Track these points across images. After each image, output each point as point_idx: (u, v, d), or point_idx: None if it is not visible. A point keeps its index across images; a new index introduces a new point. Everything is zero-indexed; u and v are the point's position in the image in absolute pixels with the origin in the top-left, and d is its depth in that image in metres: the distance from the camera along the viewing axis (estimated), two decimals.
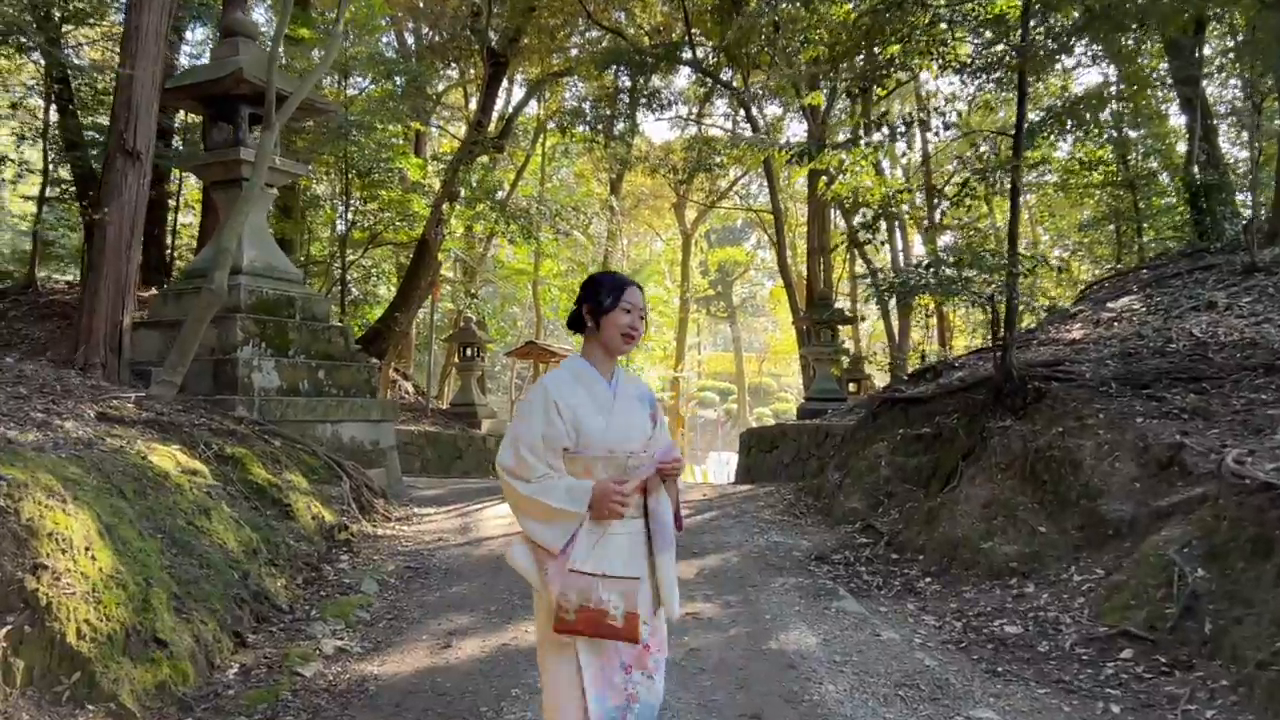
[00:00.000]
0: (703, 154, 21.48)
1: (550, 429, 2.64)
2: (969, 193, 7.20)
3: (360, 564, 6.68)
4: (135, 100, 8.82)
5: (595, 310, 2.75)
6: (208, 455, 6.81)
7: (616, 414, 2.73)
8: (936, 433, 8.22)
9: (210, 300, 8.26)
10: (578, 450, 2.67)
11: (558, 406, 2.66)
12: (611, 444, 2.69)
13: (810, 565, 6.82)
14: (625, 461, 2.70)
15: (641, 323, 2.80)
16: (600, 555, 2.59)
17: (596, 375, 2.78)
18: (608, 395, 2.75)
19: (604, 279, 2.84)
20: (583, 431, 2.67)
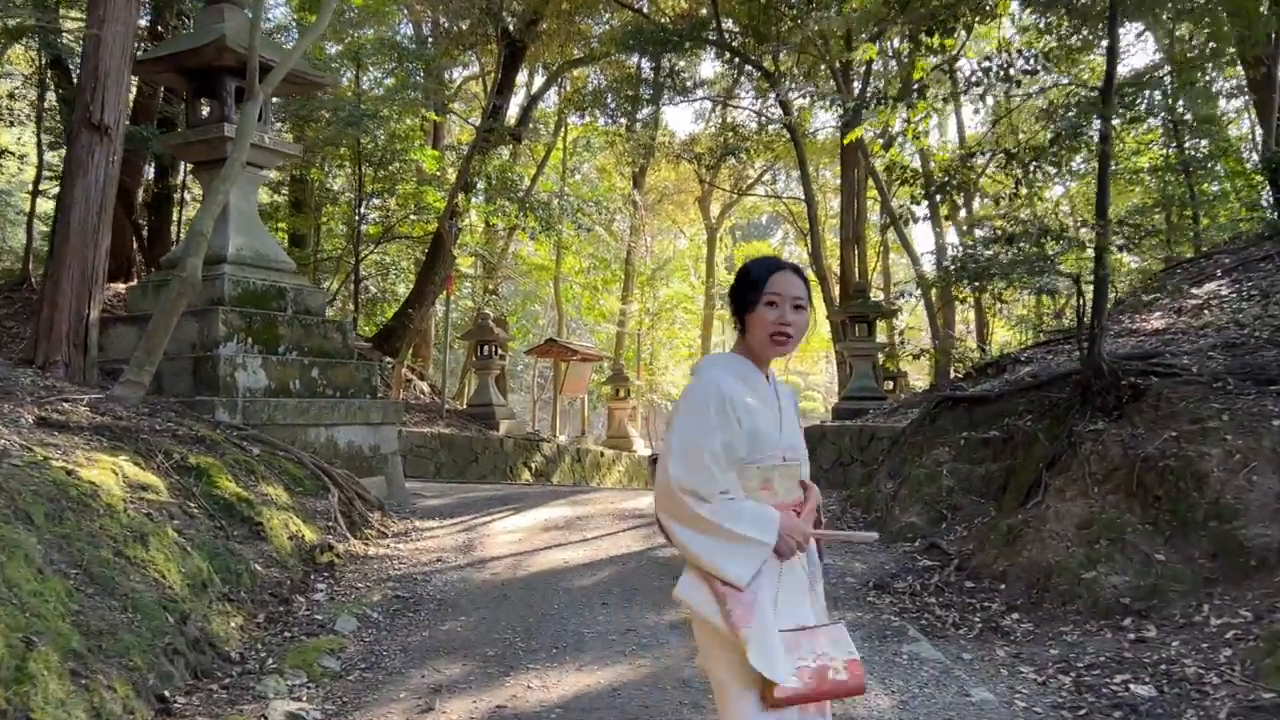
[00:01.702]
0: (730, 141, 20.43)
1: (728, 434, 2.25)
2: (1052, 157, 6.15)
3: (340, 594, 5.72)
4: (102, 68, 7.92)
5: (738, 309, 2.36)
6: (166, 467, 5.87)
7: (783, 416, 2.37)
8: (1007, 436, 7.16)
9: (182, 290, 7.33)
10: (751, 459, 2.28)
11: (734, 405, 2.26)
12: (785, 451, 2.35)
13: (869, 595, 5.79)
14: (796, 473, 2.38)
15: (801, 314, 2.32)
16: (785, 598, 2.26)
17: (760, 375, 2.38)
18: (772, 395, 2.38)
19: (751, 267, 2.39)
20: (759, 437, 2.29)
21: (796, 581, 2.32)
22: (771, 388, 2.40)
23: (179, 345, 8.63)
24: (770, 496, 2.31)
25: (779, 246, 45.80)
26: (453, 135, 27.35)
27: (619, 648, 4.77)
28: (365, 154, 19.95)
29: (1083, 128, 5.86)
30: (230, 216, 9.26)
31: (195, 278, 7.37)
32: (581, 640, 4.93)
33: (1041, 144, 6.07)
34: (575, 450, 21.23)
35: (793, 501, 2.35)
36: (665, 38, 15.90)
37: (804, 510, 2.35)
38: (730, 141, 20.01)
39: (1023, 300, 18.49)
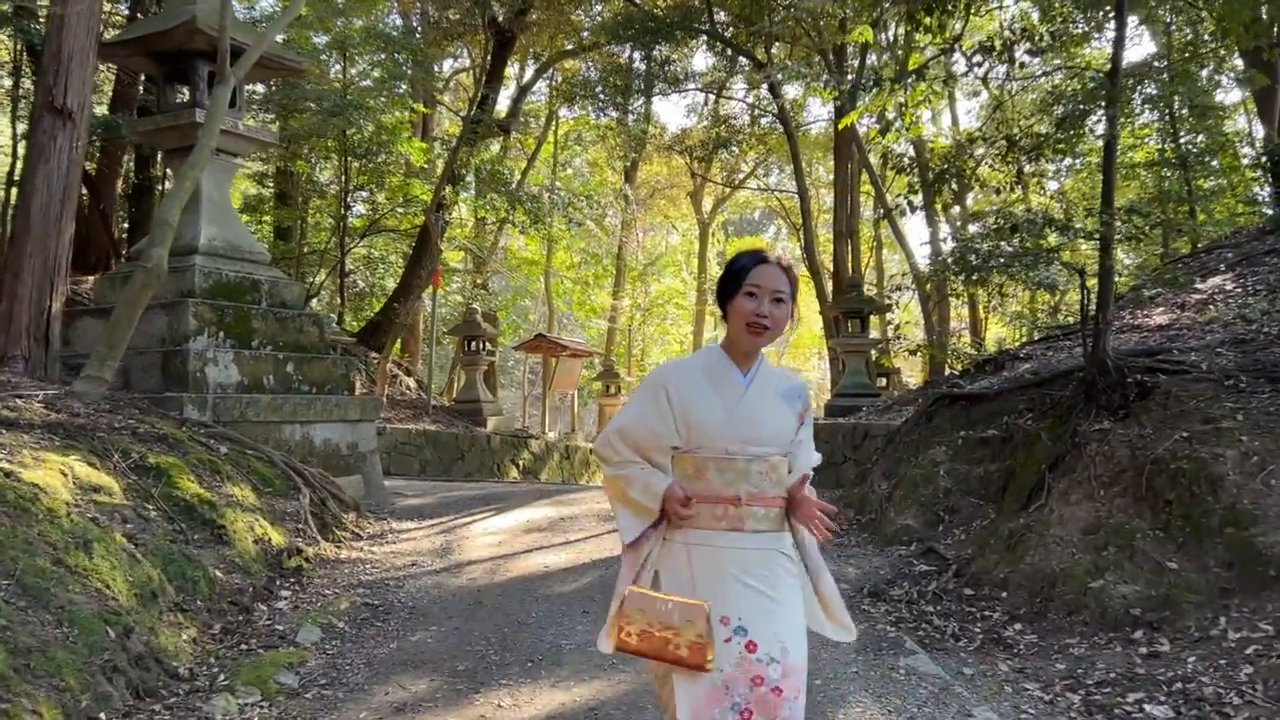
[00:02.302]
0: (722, 134, 20.12)
1: (657, 420, 2.35)
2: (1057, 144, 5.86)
3: (306, 601, 5.41)
4: (65, 49, 7.60)
5: (720, 299, 2.41)
6: (123, 467, 5.56)
7: (742, 409, 2.34)
8: (1007, 436, 6.89)
9: (146, 281, 7.01)
10: (688, 448, 2.35)
11: (668, 393, 2.36)
12: (730, 444, 2.32)
13: (863, 603, 5.51)
14: (748, 467, 2.32)
15: (780, 307, 2.34)
16: (702, 575, 2.29)
17: (730, 366, 2.40)
18: (738, 388, 2.37)
19: (735, 259, 2.43)
20: (694, 426, 2.33)
21: (736, 557, 2.30)
22: (747, 379, 2.39)
23: (147, 339, 8.32)
24: (704, 486, 2.33)
25: (772, 242, 45.53)
26: (442, 128, 26.98)
27: (598, 661, 4.48)
28: (351, 146, 19.61)
29: (1090, 111, 5.59)
30: (202, 206, 8.95)
31: (160, 268, 7.05)
32: (559, 653, 4.64)
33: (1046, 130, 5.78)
34: (564, 447, 20.94)
35: (730, 496, 2.31)
36: (656, 27, 15.60)
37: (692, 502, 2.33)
38: (722, 134, 19.69)
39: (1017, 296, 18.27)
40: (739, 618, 2.24)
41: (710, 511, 2.32)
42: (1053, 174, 6.29)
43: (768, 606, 2.26)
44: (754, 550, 2.30)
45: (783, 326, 2.37)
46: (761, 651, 2.22)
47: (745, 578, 2.27)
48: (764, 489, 2.34)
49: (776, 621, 2.26)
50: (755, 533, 2.31)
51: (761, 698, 2.19)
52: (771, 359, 2.58)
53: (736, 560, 2.28)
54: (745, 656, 2.21)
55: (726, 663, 2.20)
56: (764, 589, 2.28)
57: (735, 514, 2.31)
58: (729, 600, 2.25)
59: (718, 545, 2.29)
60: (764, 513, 2.33)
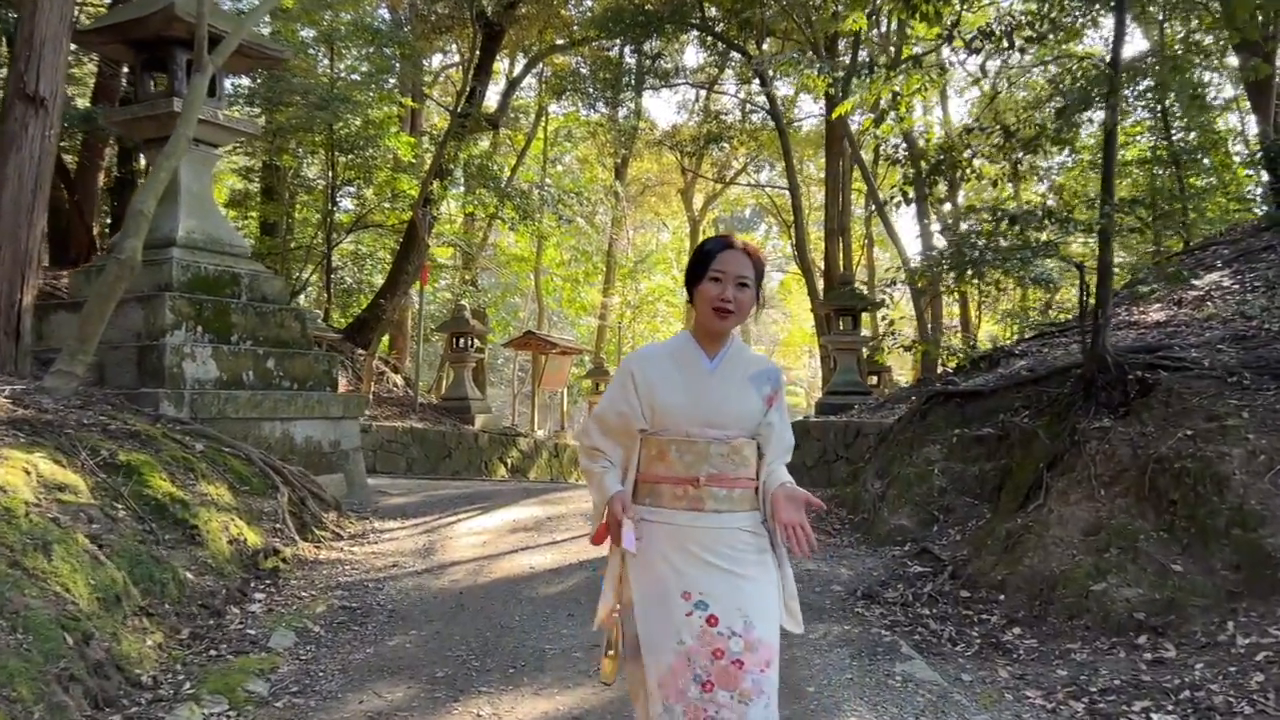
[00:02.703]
0: (712, 130, 19.95)
1: (625, 405, 2.45)
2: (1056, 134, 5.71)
3: (280, 604, 5.22)
4: (38, 35, 7.36)
5: (688, 283, 2.48)
6: (91, 465, 5.36)
7: (708, 393, 2.41)
8: (1003, 434, 6.75)
9: (120, 274, 6.81)
10: (653, 431, 2.43)
11: (634, 378, 2.45)
12: (693, 426, 2.39)
13: (857, 606, 5.34)
14: (708, 449, 2.38)
15: (744, 291, 2.40)
16: (669, 547, 2.36)
17: (697, 350, 2.46)
18: (703, 372, 2.43)
19: (704, 243, 2.51)
20: (658, 409, 2.41)
21: (678, 540, 2.36)
22: (714, 363, 2.45)
23: (123, 334, 8.11)
24: (665, 468, 2.41)
25: (763, 239, 45.43)
26: (431, 123, 26.74)
27: (583, 667, 4.31)
28: (338, 140, 19.38)
29: (1090, 101, 5.44)
30: (180, 197, 8.73)
31: (134, 260, 6.84)
32: (542, 658, 4.46)
33: (1044, 121, 5.63)
34: (553, 445, 20.76)
35: (689, 477, 2.38)
36: (647, 20, 15.41)
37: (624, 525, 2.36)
38: (713, 130, 19.53)
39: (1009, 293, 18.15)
40: (700, 592, 2.30)
41: (671, 491, 2.39)
42: (1044, 171, 6.13)
43: (730, 581, 2.31)
44: (713, 529, 2.35)
45: (748, 310, 2.43)
46: (723, 625, 2.27)
47: (706, 555, 2.33)
48: (725, 470, 2.39)
49: (739, 596, 2.31)
50: (715, 513, 2.37)
51: (723, 670, 2.25)
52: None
53: (694, 537, 2.34)
54: (706, 630, 2.28)
55: (689, 635, 2.27)
56: (726, 565, 2.33)
57: (695, 494, 2.37)
58: (691, 576, 2.32)
59: (678, 524, 2.36)
60: (725, 493, 2.38)
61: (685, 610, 2.29)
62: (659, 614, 2.32)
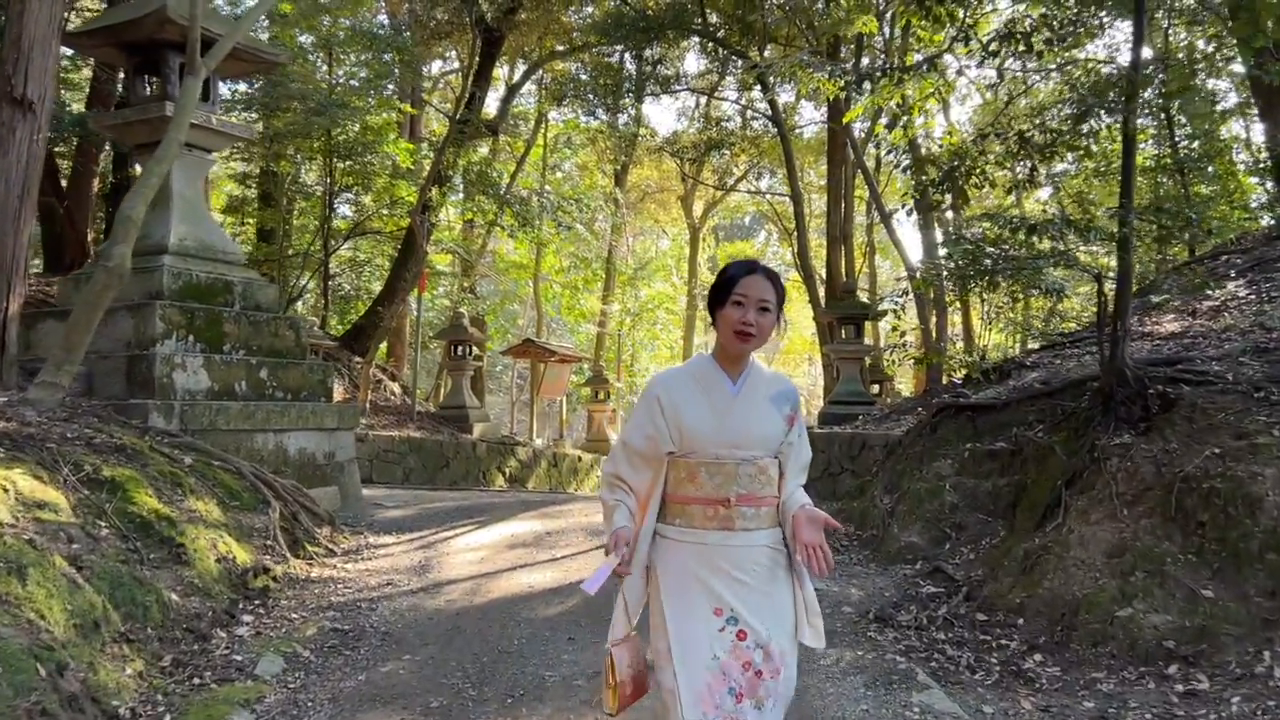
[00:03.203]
0: (713, 136, 19.78)
1: (652, 428, 2.50)
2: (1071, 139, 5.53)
3: (269, 626, 5.02)
4: (27, 37, 7.17)
5: (710, 308, 2.54)
6: (73, 481, 5.16)
7: (733, 415, 2.48)
8: (1016, 448, 6.55)
9: (108, 282, 6.61)
10: (682, 453, 2.48)
11: (660, 403, 2.49)
12: (720, 448, 2.46)
13: (869, 629, 5.14)
14: (737, 470, 2.45)
15: (765, 316, 2.46)
16: (699, 566, 2.45)
17: (719, 374, 2.53)
18: (727, 395, 2.50)
19: (724, 270, 2.54)
20: (686, 432, 2.47)
21: (707, 558, 2.44)
22: (736, 386, 2.50)
23: (113, 343, 7.92)
24: (696, 489, 2.47)
25: (762, 247, 45.27)
26: (431, 129, 26.58)
27: (585, 695, 4.11)
28: (336, 146, 19.22)
29: (1109, 104, 5.25)
30: (173, 203, 8.56)
31: (122, 267, 6.65)
32: (542, 686, 4.26)
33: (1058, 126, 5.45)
34: (552, 454, 20.54)
35: (720, 498, 2.44)
36: (647, 25, 15.25)
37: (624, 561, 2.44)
38: (714, 137, 19.35)
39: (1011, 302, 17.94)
40: (730, 609, 2.39)
41: (703, 512, 2.45)
42: (1055, 178, 5.95)
43: (757, 599, 2.41)
44: (743, 548, 2.43)
45: (769, 334, 2.49)
46: (750, 640, 2.39)
47: (735, 572, 2.41)
48: (754, 490, 2.46)
49: (764, 611, 2.41)
50: (745, 531, 2.44)
51: (750, 681, 2.37)
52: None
53: (726, 556, 2.42)
54: (737, 644, 2.38)
55: (721, 650, 2.38)
56: (753, 582, 2.42)
57: (726, 514, 2.44)
58: (720, 593, 2.41)
59: (709, 543, 2.43)
60: (753, 512, 2.46)
61: (718, 626, 2.38)
62: (693, 630, 2.40)
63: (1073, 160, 14.28)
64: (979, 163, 5.71)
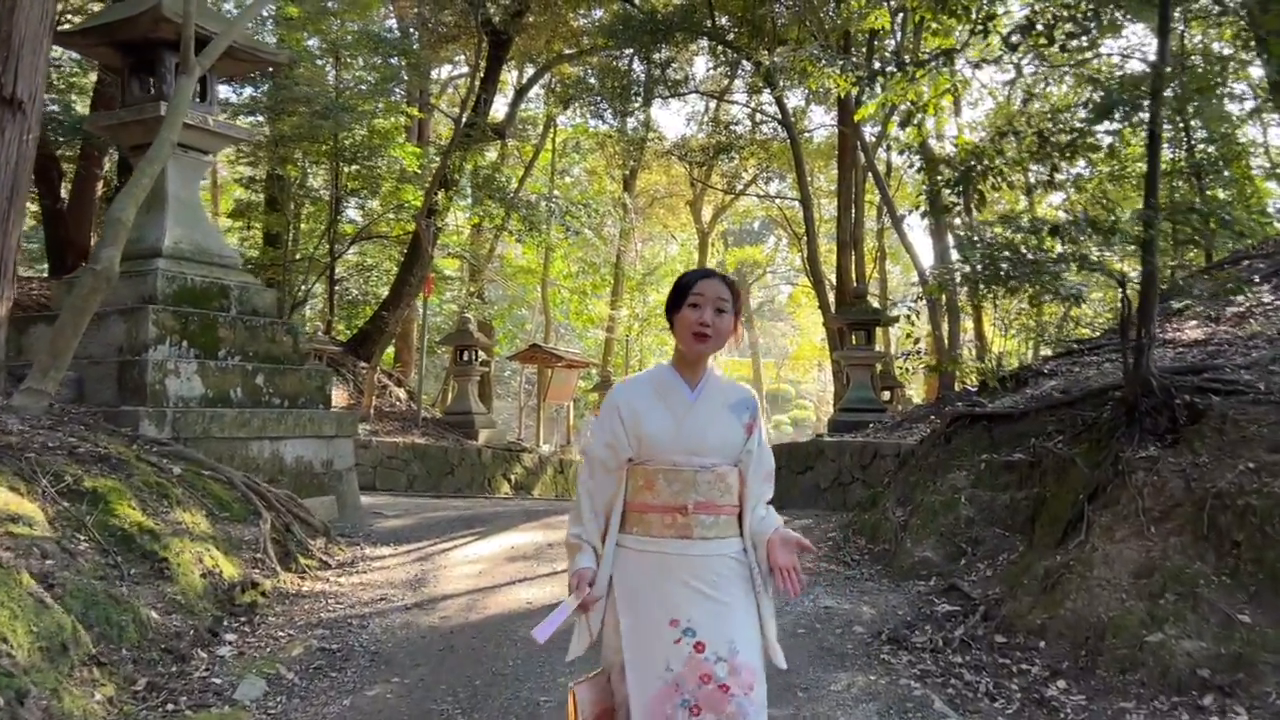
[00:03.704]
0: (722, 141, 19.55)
1: (612, 436, 2.47)
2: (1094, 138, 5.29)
3: (254, 646, 4.80)
4: (16, 35, 6.97)
5: (668, 312, 2.54)
6: (52, 492, 4.97)
7: (691, 421, 2.46)
8: (1034, 460, 6.30)
9: (95, 285, 6.42)
10: (640, 460, 2.47)
11: (620, 411, 2.48)
12: (678, 454, 2.44)
13: (882, 651, 4.89)
14: (695, 477, 2.43)
15: (721, 317, 2.45)
16: (656, 576, 2.41)
17: (678, 381, 2.51)
18: (685, 401, 2.48)
19: (681, 276, 2.56)
20: (644, 438, 2.45)
21: (665, 568, 2.41)
22: (695, 393, 2.49)
23: (105, 348, 7.75)
24: (653, 496, 2.45)
25: (772, 252, 45.01)
26: (439, 134, 26.44)
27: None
28: (342, 150, 19.08)
29: (1134, 101, 5.01)
30: (168, 206, 8.40)
31: (110, 270, 6.46)
32: (536, 713, 4.03)
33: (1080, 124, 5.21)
34: (558, 461, 20.33)
35: (678, 505, 2.41)
36: (655, 27, 15.05)
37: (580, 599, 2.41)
38: (723, 140, 19.13)
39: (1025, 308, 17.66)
40: (688, 619, 2.35)
41: (660, 520, 2.43)
42: (1073, 180, 5.70)
43: (716, 609, 2.36)
44: (701, 556, 2.40)
45: (726, 335, 2.49)
46: (709, 651, 2.32)
47: (693, 581, 2.37)
48: (711, 498, 2.44)
49: (724, 622, 2.36)
50: (703, 539, 2.41)
51: (709, 694, 2.29)
52: (771, 372, 2.58)
53: (684, 565, 2.38)
54: (694, 656, 2.32)
55: (677, 662, 2.31)
56: (712, 592, 2.38)
57: (684, 522, 2.41)
58: (678, 603, 2.36)
59: (667, 552, 2.41)
60: (712, 520, 2.43)
61: (674, 638, 2.33)
62: (646, 642, 2.35)
63: (1084, 164, 14.02)
64: (996, 163, 5.47)
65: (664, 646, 2.33)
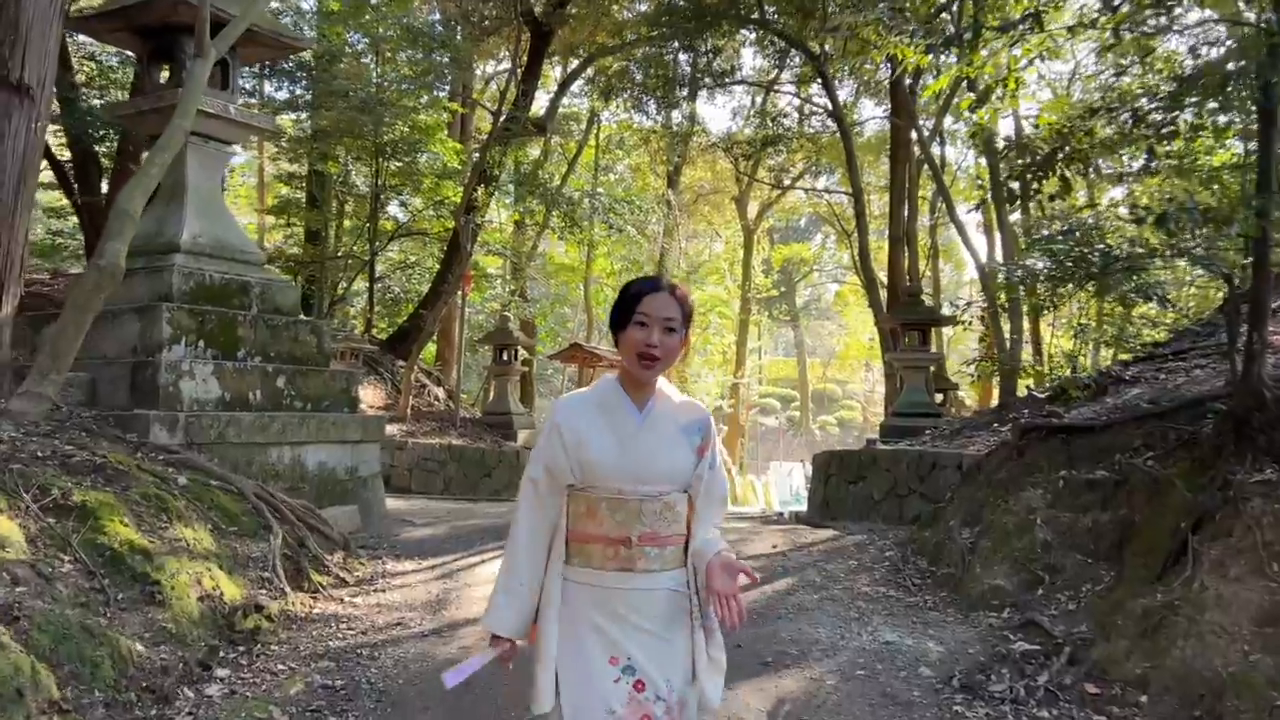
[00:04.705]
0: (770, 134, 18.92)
1: (552, 460, 2.31)
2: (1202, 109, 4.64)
3: (248, 682, 4.33)
4: (24, 17, 6.62)
5: (613, 328, 2.35)
6: (36, 509, 4.54)
7: (637, 446, 2.29)
8: (1120, 478, 5.64)
9: (99, 282, 6.02)
10: (581, 487, 2.30)
11: (561, 433, 2.30)
12: (624, 482, 2.28)
13: (955, 700, 4.29)
14: (640, 506, 2.27)
15: (671, 336, 2.28)
16: (594, 610, 2.27)
17: (624, 400, 2.34)
18: (632, 424, 2.31)
19: (627, 287, 2.35)
20: (587, 465, 2.28)
21: (605, 603, 2.27)
22: (642, 415, 2.33)
23: (119, 348, 7.39)
24: (595, 526, 2.30)
25: (819, 250, 44.22)
26: (480, 130, 26.12)
27: None
28: (382, 146, 18.78)
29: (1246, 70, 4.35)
30: (187, 199, 8.03)
31: (115, 266, 6.05)
32: None
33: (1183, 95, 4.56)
34: None
35: (621, 537, 2.27)
36: (700, 15, 14.47)
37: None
38: (771, 133, 18.48)
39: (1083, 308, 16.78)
40: (628, 657, 2.25)
41: (602, 552, 2.29)
42: (1155, 167, 5.02)
43: (655, 645, 2.27)
44: (645, 591, 2.28)
45: (675, 356, 2.33)
46: (649, 691, 2.24)
47: (633, 616, 2.26)
48: (658, 529, 2.30)
49: (664, 659, 2.27)
50: (647, 573, 2.29)
51: None
52: (816, 371, 2.12)
53: (625, 600, 2.27)
54: (634, 696, 2.22)
55: (618, 703, 2.21)
56: (651, 627, 2.27)
57: (627, 555, 2.28)
58: (617, 640, 2.25)
59: (608, 586, 2.28)
60: (657, 552, 2.30)
61: (613, 677, 2.23)
62: (585, 682, 2.23)
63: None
64: (1084, 145, 4.83)
65: (604, 687, 2.21)
